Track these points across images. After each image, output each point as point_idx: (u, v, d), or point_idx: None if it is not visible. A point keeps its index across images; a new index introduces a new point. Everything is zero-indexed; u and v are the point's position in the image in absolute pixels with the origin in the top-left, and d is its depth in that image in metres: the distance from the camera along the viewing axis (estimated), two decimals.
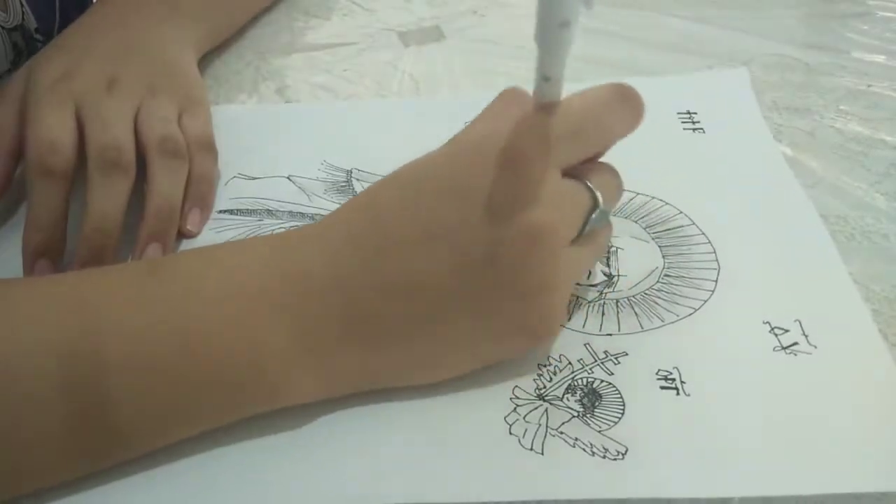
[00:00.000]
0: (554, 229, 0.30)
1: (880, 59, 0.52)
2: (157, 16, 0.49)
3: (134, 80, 0.43)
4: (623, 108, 0.34)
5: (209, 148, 0.44)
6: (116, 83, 0.42)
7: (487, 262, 0.30)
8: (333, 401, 0.32)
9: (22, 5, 0.52)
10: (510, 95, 0.35)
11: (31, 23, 0.53)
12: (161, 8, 0.50)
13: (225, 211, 0.43)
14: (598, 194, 0.33)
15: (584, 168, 0.33)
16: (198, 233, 0.42)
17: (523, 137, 0.31)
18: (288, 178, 0.45)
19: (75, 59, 0.44)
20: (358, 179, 0.45)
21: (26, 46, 0.53)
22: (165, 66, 0.46)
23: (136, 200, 0.40)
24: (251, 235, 0.41)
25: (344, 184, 0.44)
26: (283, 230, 0.36)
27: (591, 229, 0.33)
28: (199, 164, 0.43)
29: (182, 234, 0.41)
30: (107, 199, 0.38)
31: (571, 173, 0.32)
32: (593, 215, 0.33)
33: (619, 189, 0.35)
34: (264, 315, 0.30)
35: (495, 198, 0.30)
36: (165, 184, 0.40)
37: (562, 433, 0.31)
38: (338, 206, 0.42)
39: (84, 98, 0.41)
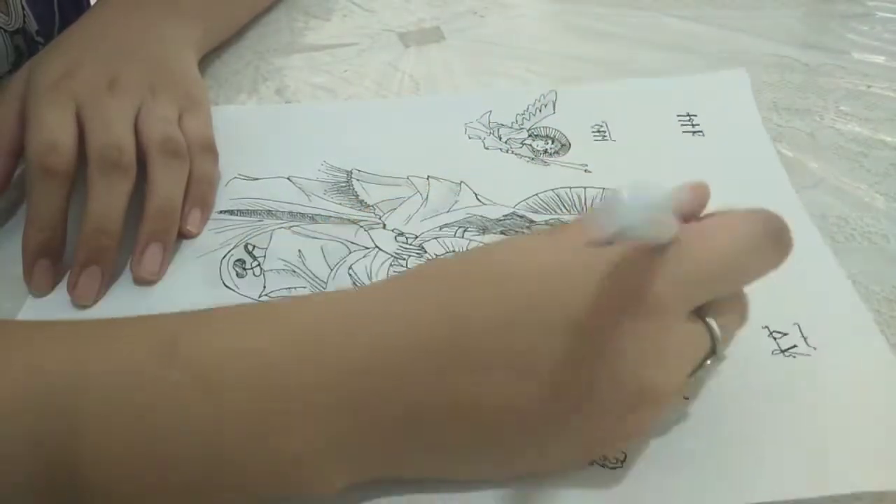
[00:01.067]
0: (663, 393, 0.27)
1: (880, 59, 0.52)
2: (158, 15, 0.49)
3: (134, 79, 0.43)
4: (772, 248, 0.30)
5: (209, 148, 0.44)
6: (117, 83, 0.42)
7: (576, 408, 0.27)
8: None
9: (23, 8, 0.52)
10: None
11: (32, 25, 0.53)
12: (161, 7, 0.50)
13: (225, 211, 0.43)
14: (720, 340, 0.29)
15: (713, 304, 0.29)
16: (198, 233, 0.42)
17: (649, 281, 0.26)
18: (288, 178, 0.45)
19: (75, 59, 0.43)
20: (358, 180, 0.45)
21: (28, 49, 0.53)
22: (166, 66, 0.46)
23: (137, 201, 0.40)
24: (249, 236, 0.41)
25: (344, 184, 0.44)
26: (319, 294, 0.32)
27: (703, 373, 0.29)
28: (199, 164, 0.42)
29: (182, 235, 0.41)
30: (107, 199, 0.38)
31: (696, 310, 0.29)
32: (708, 362, 0.29)
33: (745, 320, 0.31)
34: (295, 418, 0.26)
35: (605, 343, 0.26)
36: (166, 184, 0.40)
37: None
38: (338, 205, 0.43)
39: (85, 98, 0.41)
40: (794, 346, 0.34)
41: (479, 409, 0.26)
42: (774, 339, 0.34)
